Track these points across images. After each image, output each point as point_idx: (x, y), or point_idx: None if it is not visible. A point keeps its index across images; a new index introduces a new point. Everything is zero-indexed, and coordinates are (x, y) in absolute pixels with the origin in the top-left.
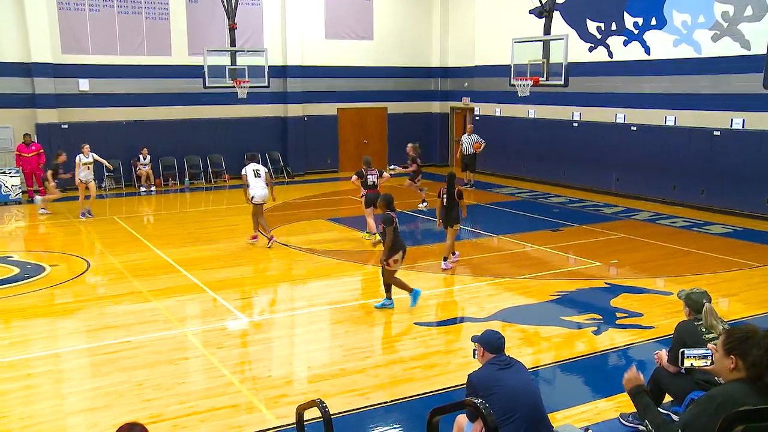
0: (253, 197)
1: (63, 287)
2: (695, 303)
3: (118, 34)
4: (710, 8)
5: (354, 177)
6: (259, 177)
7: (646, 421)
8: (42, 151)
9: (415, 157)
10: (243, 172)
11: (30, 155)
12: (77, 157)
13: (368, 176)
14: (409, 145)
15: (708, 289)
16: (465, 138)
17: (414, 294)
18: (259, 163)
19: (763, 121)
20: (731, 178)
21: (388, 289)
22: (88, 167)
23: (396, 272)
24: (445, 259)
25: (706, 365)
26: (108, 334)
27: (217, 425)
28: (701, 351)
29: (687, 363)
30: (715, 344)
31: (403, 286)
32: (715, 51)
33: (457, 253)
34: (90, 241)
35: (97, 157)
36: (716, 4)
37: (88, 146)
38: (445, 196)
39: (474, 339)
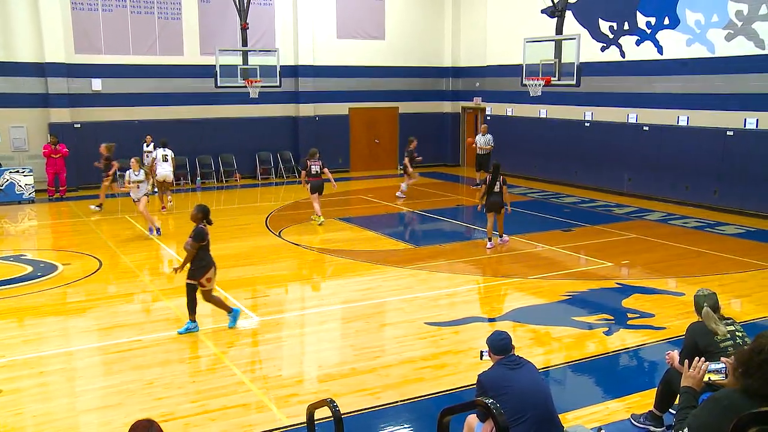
0: (157, 174)
1: (75, 286)
2: (696, 305)
3: (131, 34)
4: (724, 7)
5: (303, 173)
6: (166, 161)
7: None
8: (66, 150)
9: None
10: (153, 155)
11: (57, 156)
12: (127, 173)
13: (312, 166)
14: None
15: (720, 290)
16: (479, 138)
17: (234, 313)
18: (167, 150)
19: None
20: (744, 179)
21: (192, 311)
22: (138, 186)
23: (213, 291)
24: (501, 236)
25: (722, 379)
26: (120, 332)
27: (227, 424)
28: (716, 366)
29: (704, 378)
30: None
31: (222, 305)
32: (728, 50)
33: (506, 237)
34: (102, 240)
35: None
36: (730, 3)
37: (135, 160)
38: (496, 183)
39: (487, 341)
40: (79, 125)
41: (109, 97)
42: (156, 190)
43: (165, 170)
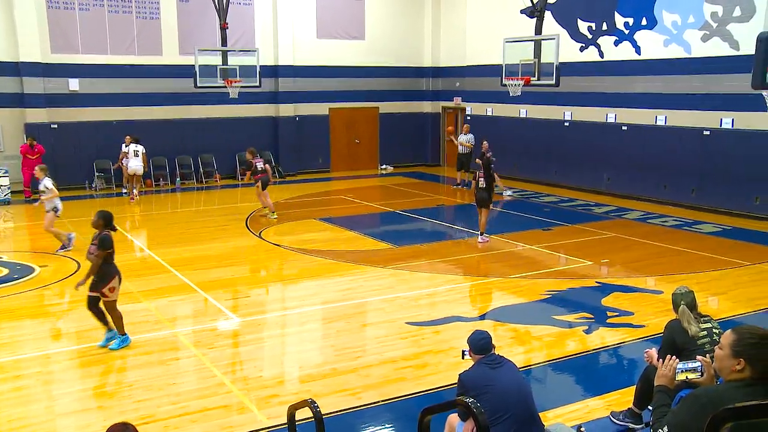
0: (128, 168)
1: (53, 288)
2: (673, 303)
3: (109, 33)
4: (700, 9)
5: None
6: (137, 156)
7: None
8: (43, 149)
9: None
10: (126, 149)
11: (34, 158)
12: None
13: (256, 164)
14: None
15: (697, 287)
16: (462, 137)
17: (113, 335)
18: (138, 146)
19: (752, 121)
20: (721, 178)
21: (104, 319)
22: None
23: (116, 302)
24: (481, 234)
25: (698, 378)
26: (98, 334)
27: (208, 426)
28: (692, 364)
29: (681, 377)
30: (707, 354)
31: (119, 323)
32: (704, 51)
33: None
34: (80, 241)
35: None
36: (705, 5)
37: (38, 168)
38: (482, 179)
39: (467, 340)
40: (56, 125)
41: (87, 97)
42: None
43: (135, 164)
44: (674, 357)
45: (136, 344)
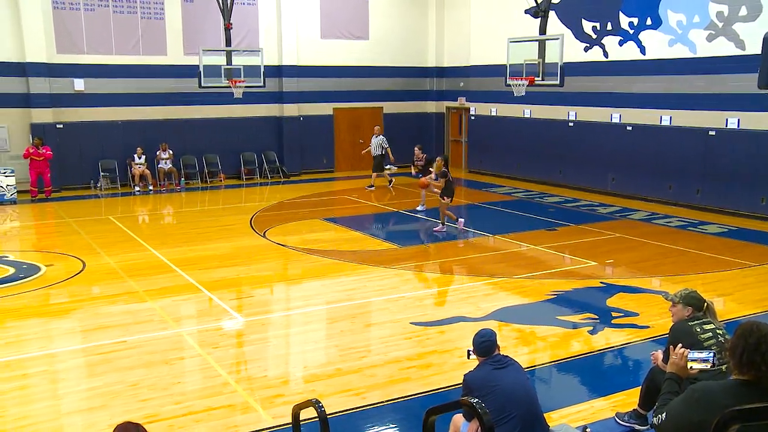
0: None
1: (58, 287)
2: (699, 301)
3: (114, 33)
4: (705, 8)
5: None
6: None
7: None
8: (50, 152)
9: None
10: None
11: (40, 159)
12: None
13: None
14: None
15: (703, 288)
16: (373, 139)
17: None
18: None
19: (758, 122)
20: (727, 178)
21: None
22: None
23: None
24: (458, 219)
25: (707, 368)
26: (103, 334)
27: (212, 425)
28: (702, 354)
29: (688, 365)
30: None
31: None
32: (710, 51)
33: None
34: (85, 241)
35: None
36: (711, 4)
37: None
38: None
39: (472, 341)
40: (61, 125)
41: (92, 97)
42: None
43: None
44: (680, 345)
45: (140, 344)
